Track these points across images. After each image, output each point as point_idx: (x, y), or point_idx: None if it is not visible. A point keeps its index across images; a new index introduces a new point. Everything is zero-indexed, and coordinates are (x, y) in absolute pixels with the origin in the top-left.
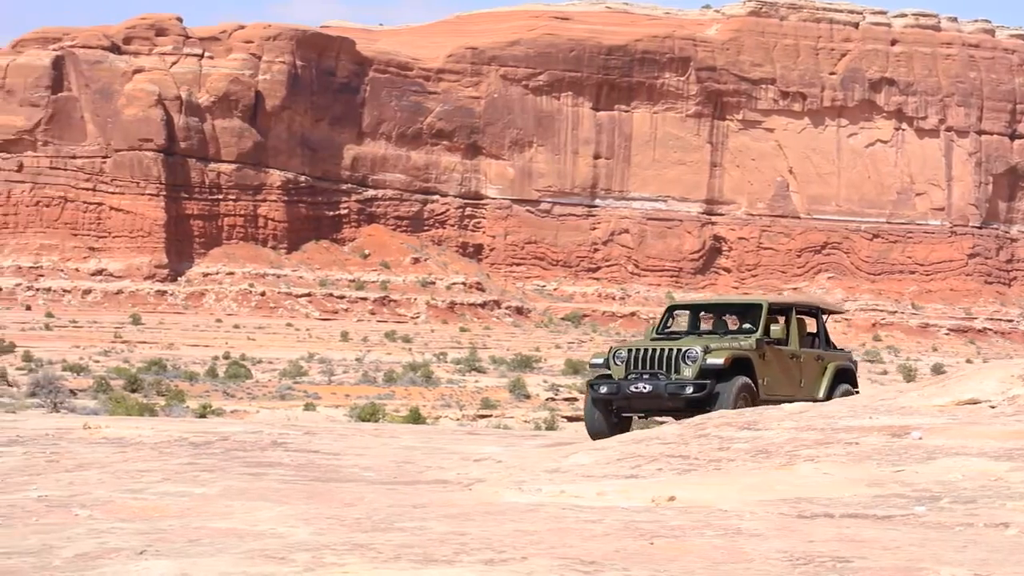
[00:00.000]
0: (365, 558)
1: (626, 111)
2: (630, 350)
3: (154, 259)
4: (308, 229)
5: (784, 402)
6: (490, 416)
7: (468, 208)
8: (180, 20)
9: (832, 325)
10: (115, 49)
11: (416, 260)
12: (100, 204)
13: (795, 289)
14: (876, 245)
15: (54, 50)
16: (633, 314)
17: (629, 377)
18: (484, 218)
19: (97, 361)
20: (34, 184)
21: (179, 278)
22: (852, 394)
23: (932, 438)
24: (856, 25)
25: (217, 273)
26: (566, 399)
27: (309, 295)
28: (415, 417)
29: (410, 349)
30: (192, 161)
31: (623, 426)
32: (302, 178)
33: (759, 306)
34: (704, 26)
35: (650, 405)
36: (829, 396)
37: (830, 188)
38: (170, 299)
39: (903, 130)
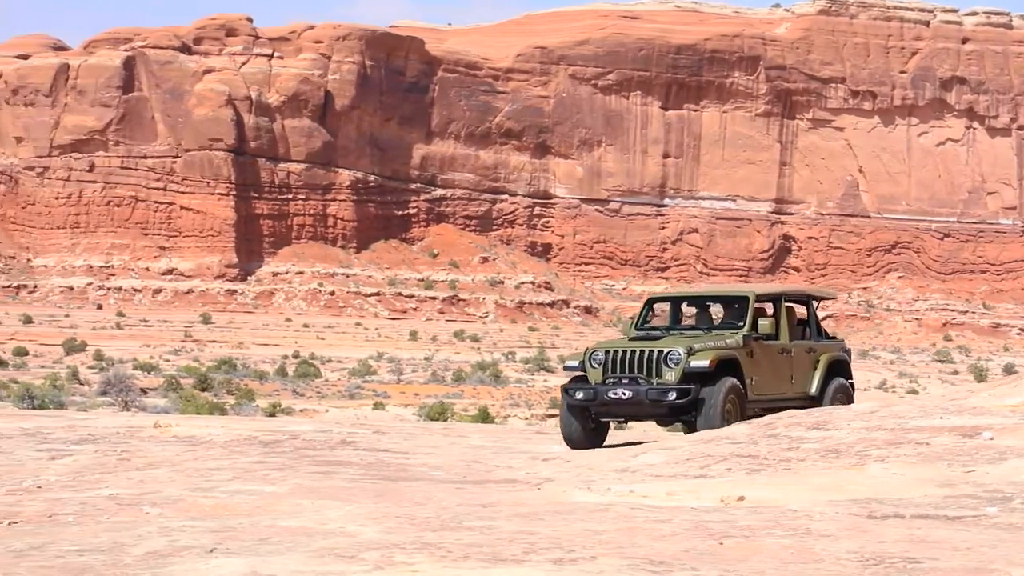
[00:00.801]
0: (434, 557)
1: (695, 110)
2: (607, 352)
3: (224, 258)
4: (377, 228)
5: (774, 401)
6: (559, 415)
7: (537, 207)
8: (250, 20)
9: (903, 325)
10: (185, 49)
11: (485, 259)
12: (171, 204)
13: (865, 289)
14: (947, 244)
15: (125, 51)
16: None
17: (607, 382)
18: (553, 217)
19: (167, 360)
20: (105, 184)
21: (249, 277)
22: (847, 388)
23: (1003, 438)
24: (927, 23)
25: (286, 272)
26: None
27: (378, 294)
28: (484, 416)
29: (478, 348)
30: (262, 161)
31: (600, 432)
32: (371, 178)
33: (745, 298)
34: (774, 25)
35: (630, 412)
36: (822, 391)
37: (900, 187)
38: (240, 298)
39: (974, 129)
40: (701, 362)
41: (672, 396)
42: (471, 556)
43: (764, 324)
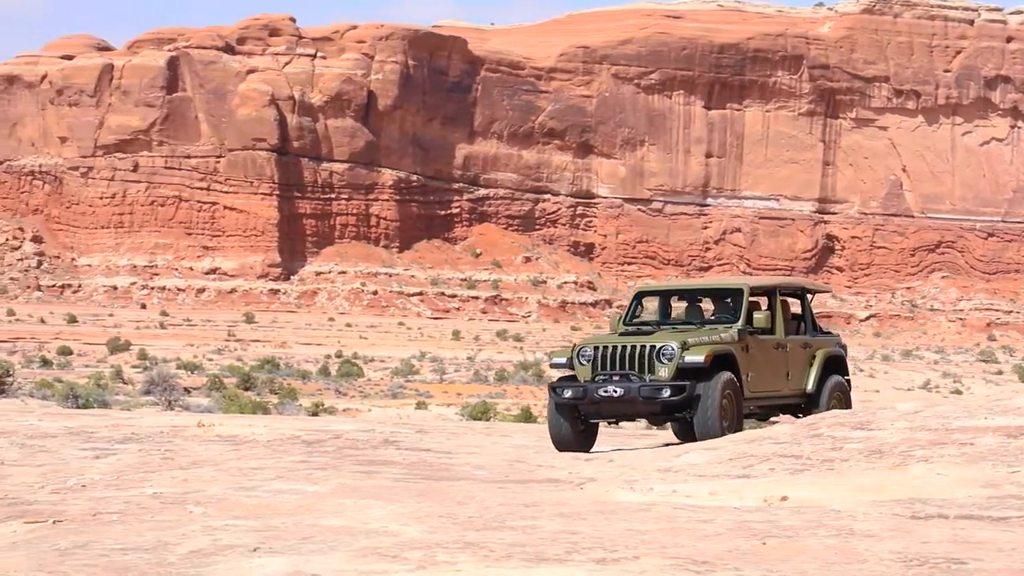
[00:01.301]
0: (477, 556)
1: (738, 110)
2: (596, 347)
3: (267, 258)
4: (420, 228)
5: (771, 398)
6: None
7: (579, 207)
8: (293, 20)
9: (947, 325)
10: (229, 49)
11: (527, 259)
12: (214, 203)
13: (909, 289)
14: (991, 244)
15: (169, 51)
16: None
17: (597, 379)
18: (595, 217)
19: (211, 359)
20: (149, 184)
21: (292, 277)
22: (844, 386)
23: None
24: (971, 22)
25: (329, 272)
26: None
27: (421, 294)
28: (526, 416)
29: (521, 348)
30: (305, 161)
31: (590, 433)
32: (414, 177)
33: (739, 291)
34: (817, 24)
35: (622, 410)
36: (819, 388)
37: (944, 187)
38: (283, 298)
39: (1018, 128)
40: (696, 357)
41: (666, 393)
42: (514, 556)
43: (759, 318)
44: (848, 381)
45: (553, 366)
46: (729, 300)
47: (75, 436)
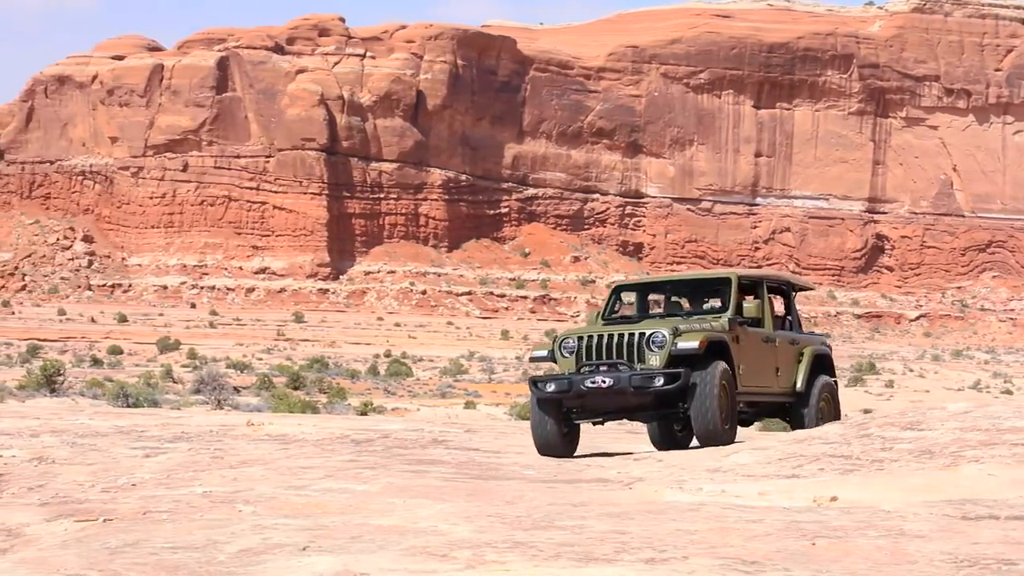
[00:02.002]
0: (525, 556)
1: (788, 109)
2: (580, 337)
3: (316, 258)
4: (469, 228)
5: (761, 395)
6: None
7: (628, 206)
8: (342, 20)
9: (997, 325)
10: (278, 49)
11: (576, 259)
12: (263, 203)
13: (959, 288)
14: None
15: (219, 51)
16: None
17: (583, 370)
18: (644, 216)
19: (260, 359)
20: (199, 184)
21: (341, 276)
22: (832, 387)
23: None
24: (1022, 21)
25: (378, 271)
26: None
27: (469, 293)
28: None
29: None
30: (354, 160)
31: (573, 436)
32: (463, 177)
33: (727, 281)
34: (867, 23)
35: (611, 403)
36: (808, 387)
37: (995, 186)
38: (332, 297)
39: None
40: (689, 343)
41: (659, 382)
42: (562, 555)
43: (750, 307)
44: (836, 382)
45: (534, 360)
46: (716, 291)
47: (125, 435)
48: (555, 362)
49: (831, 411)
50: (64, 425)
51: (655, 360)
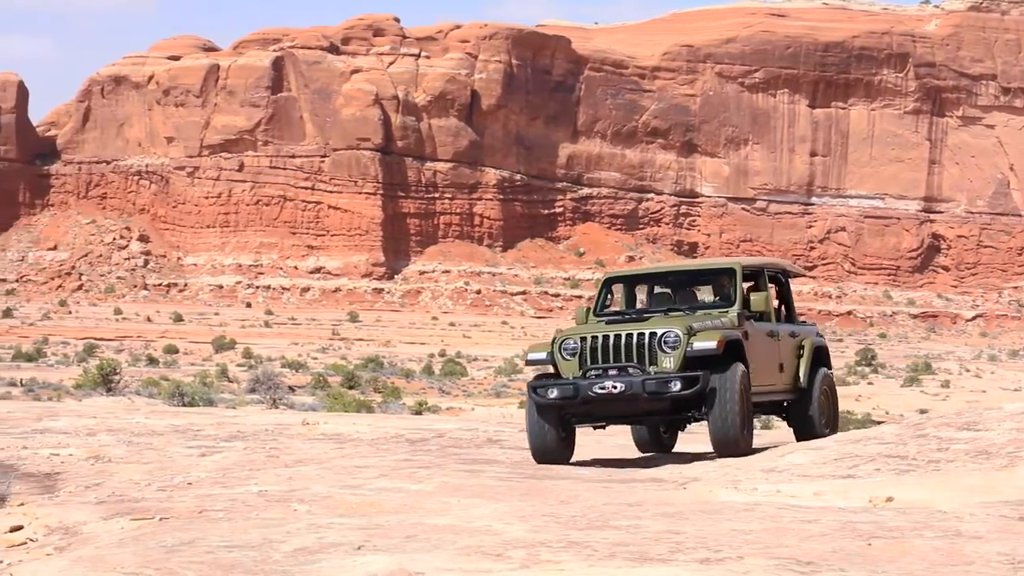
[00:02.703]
0: (580, 556)
1: (843, 108)
2: (583, 338)
3: (371, 257)
4: (523, 227)
5: (769, 394)
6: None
7: (683, 206)
8: (397, 20)
9: None
10: (333, 49)
11: (631, 258)
12: (318, 203)
13: (1016, 288)
14: None
15: (274, 51)
16: (849, 312)
17: (588, 374)
18: (699, 216)
19: (315, 358)
20: (254, 183)
21: (395, 276)
22: (831, 380)
23: None
24: None
25: (433, 271)
26: None
27: (524, 293)
28: None
29: None
30: (409, 160)
31: (570, 440)
32: (517, 176)
33: (732, 271)
34: (923, 22)
35: (621, 410)
36: (811, 383)
37: None
38: (386, 297)
39: None
40: (706, 343)
41: (676, 386)
42: (617, 555)
43: (757, 300)
44: (831, 372)
45: (531, 363)
46: (717, 282)
47: (181, 434)
48: (554, 365)
49: (830, 406)
50: (120, 424)
51: (668, 362)
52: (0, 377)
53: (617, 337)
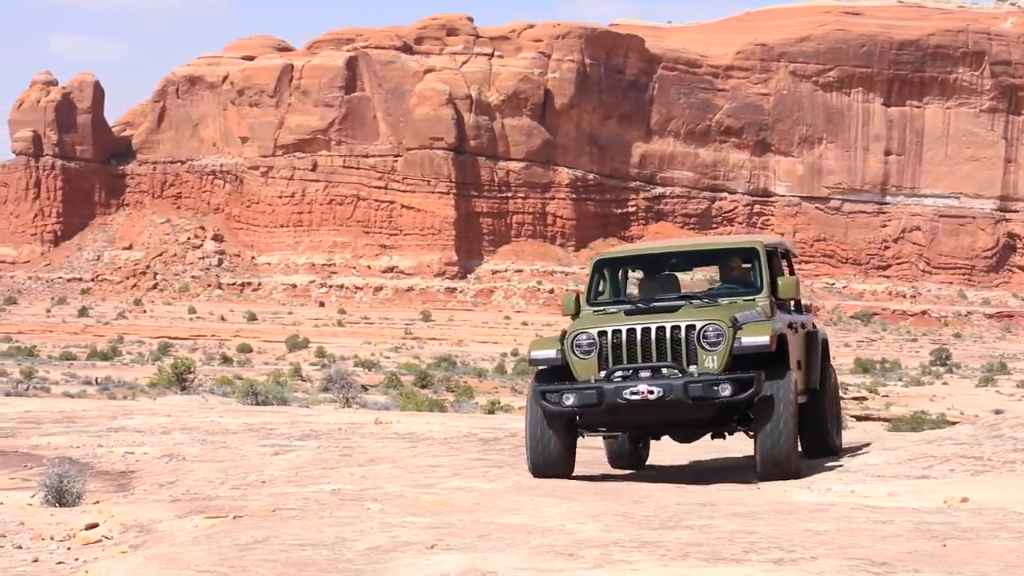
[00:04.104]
0: (653, 556)
1: (918, 107)
2: (602, 332)
3: (444, 256)
4: (596, 226)
5: None
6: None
7: (756, 205)
8: (471, 20)
9: None
10: (407, 49)
11: None
12: (391, 202)
13: None
14: None
15: (347, 51)
16: (924, 312)
17: (615, 376)
18: (773, 215)
19: (388, 357)
20: (328, 183)
21: (468, 275)
22: (835, 375)
23: None
24: None
25: (506, 270)
26: (855, 398)
27: None
28: None
29: None
30: (482, 159)
31: (573, 451)
32: (590, 176)
33: (753, 250)
34: (999, 20)
35: (655, 419)
36: (823, 383)
37: None
38: (459, 296)
39: None
40: (756, 338)
41: (727, 390)
42: (690, 555)
43: (787, 285)
44: (832, 368)
45: (535, 363)
46: (727, 264)
47: (255, 433)
48: (564, 364)
49: (837, 411)
50: (194, 423)
51: (711, 362)
52: (76, 376)
53: (646, 331)
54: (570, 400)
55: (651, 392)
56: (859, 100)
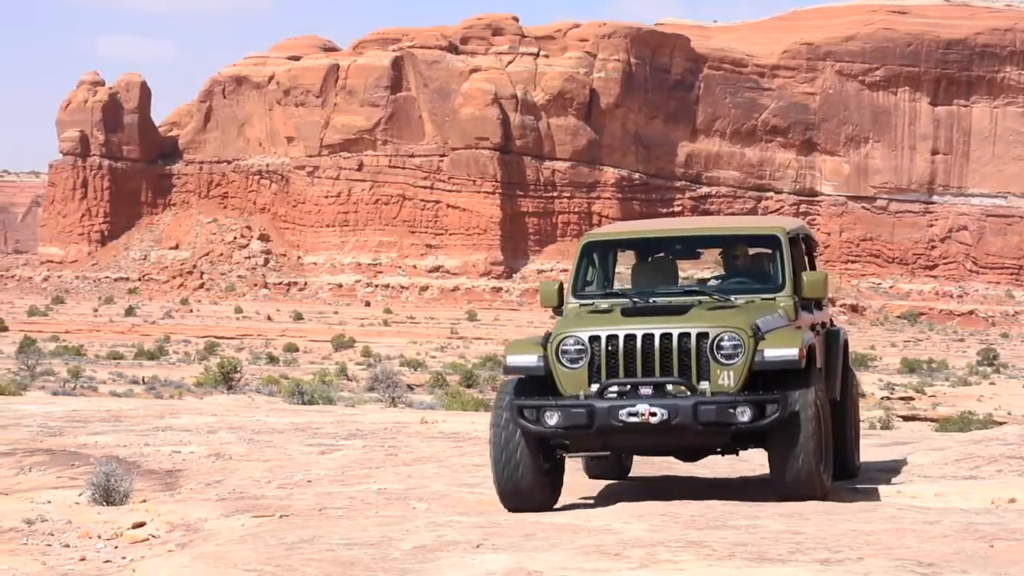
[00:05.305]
0: (699, 556)
1: (965, 106)
2: (595, 337)
3: (489, 256)
4: None
5: None
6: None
7: (803, 205)
8: (516, 20)
9: None
10: (452, 49)
11: None
12: (437, 202)
13: None
14: None
15: (393, 51)
16: (971, 312)
17: (608, 392)
18: (819, 215)
19: (433, 356)
20: (373, 183)
21: (514, 275)
22: (856, 380)
23: None
24: None
25: (551, 270)
26: (902, 398)
27: None
28: None
29: None
30: (527, 159)
31: (557, 478)
32: (636, 175)
33: (774, 238)
34: None
35: (656, 445)
36: (844, 393)
37: None
38: (505, 296)
39: None
40: (783, 351)
41: (745, 415)
42: (736, 555)
43: (814, 281)
44: (855, 377)
45: (510, 371)
46: (731, 252)
47: (301, 432)
48: (547, 373)
49: (857, 425)
50: (241, 422)
51: (726, 378)
52: (123, 375)
53: (648, 339)
54: (554, 419)
55: (653, 414)
56: (906, 99)
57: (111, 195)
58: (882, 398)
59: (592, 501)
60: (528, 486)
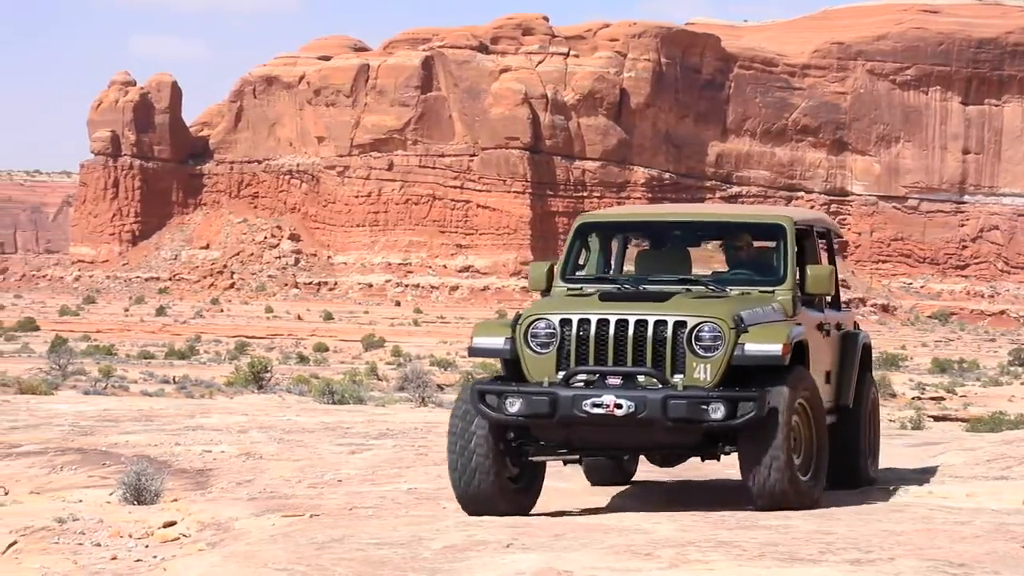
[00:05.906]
0: (729, 556)
1: (996, 105)
2: (566, 320)
3: (520, 256)
4: None
5: None
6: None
7: (833, 204)
8: (546, 19)
9: None
10: (483, 49)
11: None
12: (467, 202)
13: None
14: None
15: (423, 51)
16: (1003, 312)
17: (575, 381)
18: (849, 215)
19: (463, 356)
20: (403, 182)
21: None
22: (876, 388)
23: None
24: None
25: None
26: (932, 398)
27: None
28: None
29: None
30: (557, 159)
31: (530, 482)
32: (666, 175)
33: (780, 227)
34: None
35: (621, 440)
36: (859, 401)
37: None
38: (535, 296)
39: None
40: (765, 346)
41: (718, 412)
42: (767, 555)
43: (817, 276)
44: (872, 379)
45: (475, 353)
46: (734, 243)
47: (331, 431)
48: (513, 357)
49: (875, 435)
50: (271, 421)
51: (702, 372)
52: (154, 375)
53: (622, 324)
54: (515, 407)
55: (619, 406)
56: (937, 99)
57: (142, 195)
58: (913, 398)
59: (623, 501)
60: (485, 486)
